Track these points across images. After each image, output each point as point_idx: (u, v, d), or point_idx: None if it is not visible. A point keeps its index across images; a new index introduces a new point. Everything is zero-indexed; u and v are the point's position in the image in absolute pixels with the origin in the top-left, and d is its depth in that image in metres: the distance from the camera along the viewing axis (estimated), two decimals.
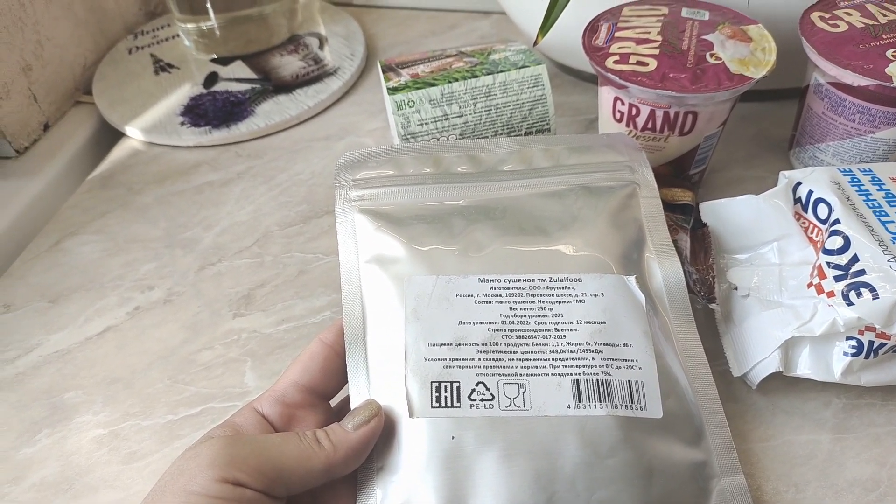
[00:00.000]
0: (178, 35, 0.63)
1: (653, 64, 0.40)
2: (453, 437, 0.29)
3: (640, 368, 0.30)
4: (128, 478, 0.35)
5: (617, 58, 0.41)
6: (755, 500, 0.32)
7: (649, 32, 0.42)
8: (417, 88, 0.44)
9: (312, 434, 0.28)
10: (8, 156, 0.53)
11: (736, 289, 0.38)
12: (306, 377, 0.31)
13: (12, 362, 0.40)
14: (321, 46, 0.61)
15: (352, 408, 0.30)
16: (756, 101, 0.52)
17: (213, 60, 0.60)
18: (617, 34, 0.42)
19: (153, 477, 0.35)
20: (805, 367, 0.35)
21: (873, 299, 0.32)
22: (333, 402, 0.32)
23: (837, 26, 0.42)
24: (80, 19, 0.59)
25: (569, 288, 0.31)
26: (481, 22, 0.64)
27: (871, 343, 0.33)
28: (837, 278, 0.34)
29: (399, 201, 0.35)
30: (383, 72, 0.46)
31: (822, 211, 0.37)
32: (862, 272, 0.34)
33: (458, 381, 0.30)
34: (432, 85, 0.44)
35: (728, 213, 0.39)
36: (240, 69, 0.59)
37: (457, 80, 0.44)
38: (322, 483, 0.28)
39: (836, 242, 0.35)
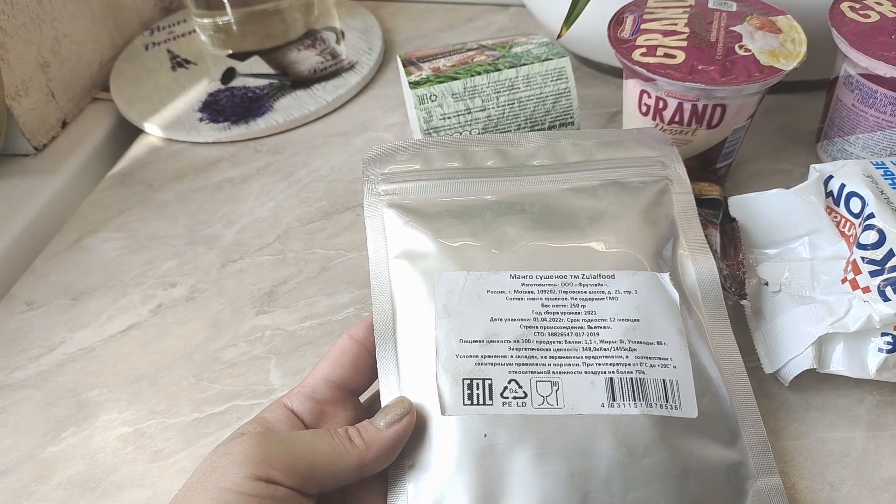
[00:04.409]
0: (194, 30, 0.63)
1: (681, 56, 0.39)
2: (485, 436, 0.28)
3: (674, 367, 0.30)
4: (154, 476, 0.34)
5: (644, 50, 0.40)
6: (790, 498, 0.32)
7: (676, 24, 0.41)
8: (440, 82, 0.43)
9: (344, 431, 0.28)
10: (26, 153, 0.53)
11: (766, 284, 0.37)
12: (336, 373, 0.30)
13: (36, 360, 0.40)
14: (338, 41, 0.61)
15: (382, 405, 0.30)
16: (782, 93, 0.51)
17: (230, 56, 0.60)
18: (643, 26, 0.42)
19: (180, 475, 0.34)
20: (839, 363, 0.34)
21: None
22: (363, 398, 0.32)
23: (868, 16, 0.41)
24: (97, 15, 0.59)
25: (602, 285, 0.31)
26: (499, 15, 0.64)
27: None
28: (873, 273, 0.34)
29: (428, 196, 0.34)
30: (404, 66, 0.46)
31: (856, 205, 0.36)
32: None
33: (490, 379, 0.29)
34: (454, 79, 0.43)
35: (757, 207, 0.39)
36: (257, 64, 0.59)
37: (479, 73, 0.44)
38: (354, 480, 0.28)
39: (871, 237, 0.34)
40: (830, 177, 0.38)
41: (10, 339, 0.42)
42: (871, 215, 0.35)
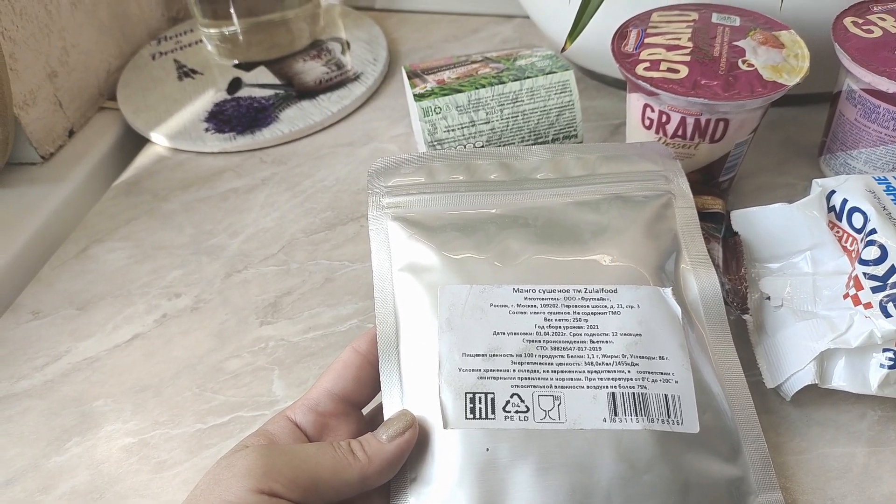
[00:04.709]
0: (200, 40, 0.63)
1: (684, 71, 0.39)
2: (487, 450, 0.28)
3: (676, 382, 0.30)
4: (158, 487, 0.35)
5: (647, 64, 0.40)
6: None
7: (680, 38, 0.42)
8: (444, 95, 0.43)
9: (347, 445, 0.28)
10: (34, 162, 0.54)
11: (769, 299, 0.37)
12: (339, 386, 0.31)
13: (41, 369, 0.40)
14: (343, 52, 0.61)
15: (385, 418, 0.30)
16: (785, 107, 0.51)
17: (236, 66, 0.61)
18: (646, 40, 0.42)
19: (183, 486, 0.34)
20: (840, 379, 0.34)
21: None
22: (365, 411, 0.32)
23: (871, 32, 0.41)
24: (105, 25, 0.59)
25: (604, 299, 0.31)
26: (503, 26, 0.64)
27: None
28: (875, 289, 0.34)
29: (432, 209, 0.34)
30: (409, 78, 0.46)
31: (858, 220, 0.37)
32: None
33: (493, 393, 0.29)
34: (459, 91, 0.44)
35: (760, 221, 0.39)
36: (263, 75, 0.59)
37: (483, 86, 0.44)
38: (356, 494, 0.28)
39: (873, 253, 0.35)
40: (833, 191, 0.38)
41: (15, 349, 0.42)
42: (873, 231, 0.35)
